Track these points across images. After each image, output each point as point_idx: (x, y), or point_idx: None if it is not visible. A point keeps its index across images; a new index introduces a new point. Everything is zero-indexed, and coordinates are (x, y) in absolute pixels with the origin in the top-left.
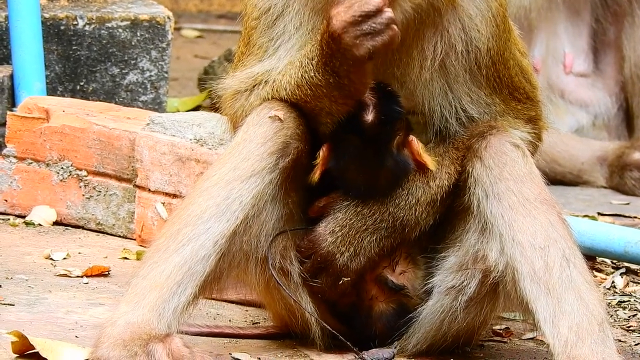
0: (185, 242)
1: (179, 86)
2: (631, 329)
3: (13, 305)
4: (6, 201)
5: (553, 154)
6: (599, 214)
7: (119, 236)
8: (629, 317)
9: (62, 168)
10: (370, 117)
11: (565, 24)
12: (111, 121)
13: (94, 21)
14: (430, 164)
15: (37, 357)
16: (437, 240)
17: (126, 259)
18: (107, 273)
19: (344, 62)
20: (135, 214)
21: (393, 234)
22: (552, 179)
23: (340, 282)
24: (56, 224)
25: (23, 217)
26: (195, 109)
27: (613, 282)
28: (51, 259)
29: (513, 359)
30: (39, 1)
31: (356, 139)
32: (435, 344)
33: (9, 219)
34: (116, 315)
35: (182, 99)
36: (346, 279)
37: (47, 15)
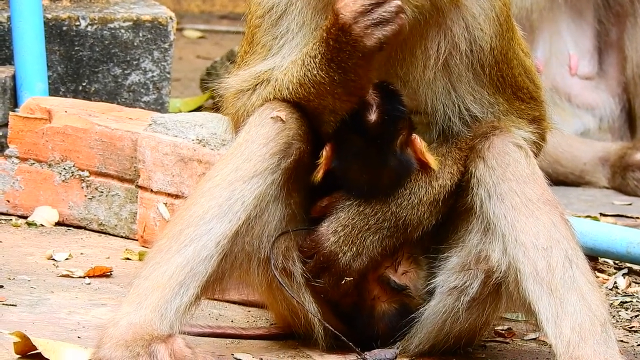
0: (188, 243)
1: (181, 87)
2: (633, 329)
3: (15, 305)
4: (8, 202)
5: (555, 155)
6: (601, 214)
7: (121, 237)
8: (631, 317)
9: (64, 168)
10: (373, 117)
11: (568, 24)
12: (113, 122)
13: (96, 22)
14: (433, 163)
15: (39, 357)
16: (439, 240)
17: (128, 259)
18: (109, 274)
19: (353, 55)
20: (137, 214)
21: (395, 233)
22: (555, 179)
23: (343, 282)
24: (58, 224)
25: (25, 217)
26: (197, 109)
27: (615, 283)
28: (53, 259)
29: (515, 359)
30: (41, 2)
31: (359, 138)
32: (437, 344)
33: (11, 219)
34: (118, 315)
35: (185, 99)
36: (349, 278)
37: (49, 16)
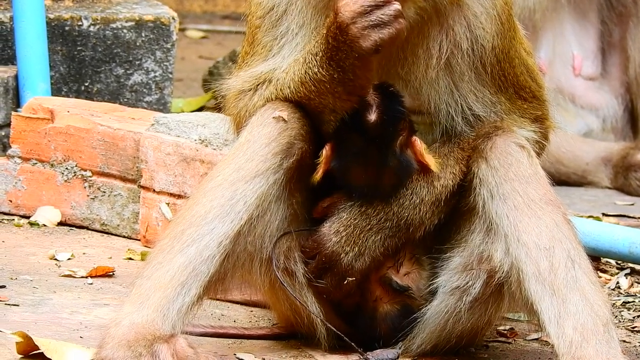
0: (190, 243)
1: (184, 87)
2: (636, 329)
3: (18, 305)
4: (11, 201)
5: (558, 155)
6: (604, 214)
7: (124, 237)
8: (633, 317)
9: (66, 168)
10: (373, 117)
11: (572, 25)
12: (116, 122)
13: (98, 22)
14: (433, 165)
15: (41, 357)
16: (441, 240)
17: (131, 259)
18: (111, 273)
19: (350, 55)
20: (139, 214)
21: (397, 233)
22: (557, 179)
23: (345, 283)
24: (61, 224)
25: (28, 217)
26: (199, 109)
27: (617, 283)
28: (56, 259)
29: (517, 359)
30: (43, 2)
31: (359, 138)
32: (439, 344)
33: (13, 219)
34: (120, 315)
35: (187, 99)
36: (351, 279)
37: (51, 16)
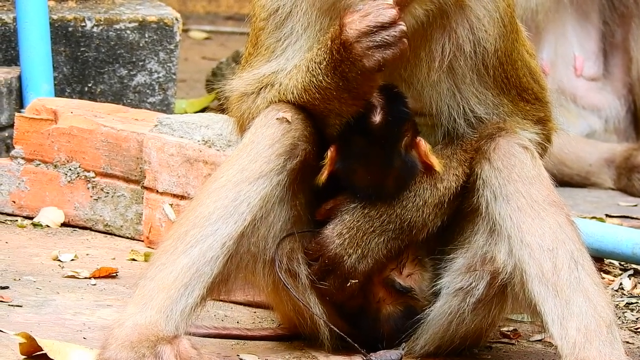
0: (193, 244)
1: (187, 87)
2: (639, 330)
3: (21, 306)
4: (14, 202)
5: (561, 156)
6: (607, 215)
7: (127, 237)
8: (636, 318)
9: (70, 169)
10: (377, 119)
11: (574, 26)
12: (119, 122)
13: (102, 23)
14: (437, 165)
15: (44, 358)
16: (445, 241)
17: (134, 260)
18: (114, 274)
19: (353, 70)
20: (143, 215)
21: (400, 235)
22: (560, 180)
23: (348, 284)
24: (64, 225)
25: (31, 218)
26: (203, 110)
27: (621, 284)
28: (59, 260)
29: None
30: (47, 3)
31: (363, 140)
32: (442, 345)
33: (17, 220)
34: (124, 316)
35: (190, 100)
36: (354, 281)
37: (55, 17)
